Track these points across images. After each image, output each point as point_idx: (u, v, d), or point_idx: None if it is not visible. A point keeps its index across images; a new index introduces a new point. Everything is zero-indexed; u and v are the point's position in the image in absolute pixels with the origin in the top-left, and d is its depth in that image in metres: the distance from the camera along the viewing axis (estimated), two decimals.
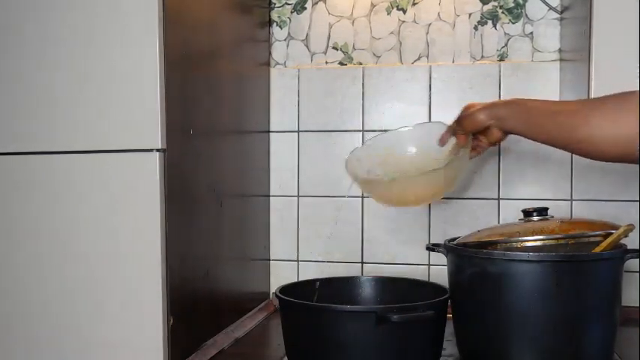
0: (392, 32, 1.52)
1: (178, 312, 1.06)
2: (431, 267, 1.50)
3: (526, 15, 1.46)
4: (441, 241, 1.18)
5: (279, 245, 1.57)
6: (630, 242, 1.08)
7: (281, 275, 1.55)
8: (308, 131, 1.55)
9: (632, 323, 1.28)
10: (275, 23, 1.57)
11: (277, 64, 1.57)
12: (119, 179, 1.04)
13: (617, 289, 1.05)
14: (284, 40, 1.56)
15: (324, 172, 1.54)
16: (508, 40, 1.47)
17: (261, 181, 1.53)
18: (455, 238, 1.17)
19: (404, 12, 1.51)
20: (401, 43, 1.52)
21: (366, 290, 1.24)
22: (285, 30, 1.56)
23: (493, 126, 1.04)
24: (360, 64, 1.53)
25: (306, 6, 1.55)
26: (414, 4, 1.51)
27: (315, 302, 1.05)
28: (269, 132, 1.56)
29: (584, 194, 1.44)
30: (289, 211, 1.56)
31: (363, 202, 1.53)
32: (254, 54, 1.49)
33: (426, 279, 1.46)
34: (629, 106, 0.90)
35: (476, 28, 1.48)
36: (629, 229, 1.04)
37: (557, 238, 1.04)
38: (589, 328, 1.03)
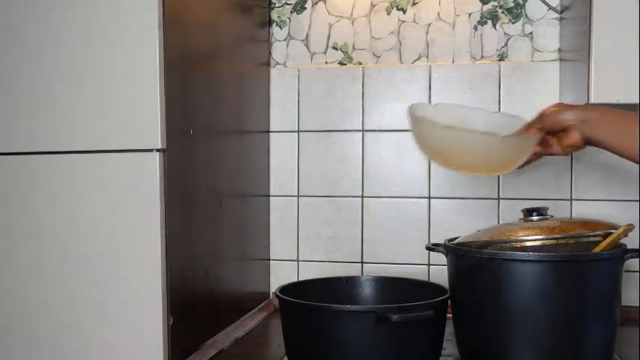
0: (392, 32, 1.52)
1: (178, 312, 1.06)
2: (431, 267, 1.50)
3: (526, 15, 1.46)
4: (441, 241, 1.18)
5: (279, 245, 1.57)
6: (630, 242, 1.09)
7: (281, 275, 1.55)
8: (308, 131, 1.55)
9: (632, 323, 1.28)
10: (275, 23, 1.57)
11: (277, 64, 1.57)
12: (119, 179, 1.04)
13: (617, 289, 1.05)
14: (284, 40, 1.56)
15: (324, 172, 1.54)
16: (508, 40, 1.47)
17: (261, 181, 1.53)
18: (455, 238, 1.17)
19: (404, 12, 1.51)
20: (401, 43, 1.52)
21: (366, 290, 1.24)
22: (285, 30, 1.56)
23: (575, 128, 0.99)
24: (359, 64, 1.53)
25: (306, 6, 1.55)
26: (414, 4, 1.51)
27: (315, 302, 1.05)
28: (269, 132, 1.56)
29: (584, 194, 1.44)
30: (289, 211, 1.56)
31: (363, 202, 1.53)
32: (254, 54, 1.49)
33: (426, 279, 1.46)
34: None
35: (476, 28, 1.48)
36: (629, 228, 1.04)
37: (557, 238, 1.04)
38: (589, 328, 1.04)
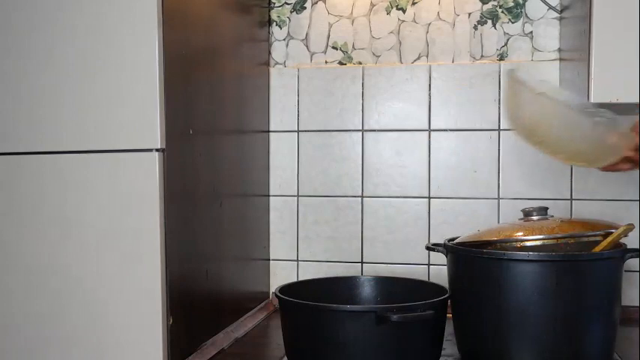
0: (391, 32, 1.52)
1: (178, 312, 1.06)
2: (431, 267, 1.50)
3: (526, 14, 1.46)
4: (441, 241, 1.18)
5: (279, 245, 1.57)
6: (630, 242, 1.09)
7: (281, 275, 1.55)
8: (308, 131, 1.55)
9: (632, 323, 1.28)
10: (275, 23, 1.57)
11: (277, 63, 1.57)
12: (119, 179, 1.04)
13: (617, 289, 1.05)
14: (283, 39, 1.56)
15: (324, 172, 1.54)
16: (508, 39, 1.47)
17: (261, 180, 1.53)
18: (455, 238, 1.17)
19: (403, 11, 1.51)
20: (400, 43, 1.51)
21: (366, 290, 1.24)
22: (284, 29, 1.56)
23: None
24: (359, 63, 1.53)
25: (305, 5, 1.55)
26: (414, 4, 1.50)
27: (315, 302, 1.05)
28: (269, 132, 1.56)
29: (584, 194, 1.44)
30: (289, 211, 1.56)
31: (362, 202, 1.53)
32: (254, 54, 1.49)
33: (426, 279, 1.46)
34: None
35: (475, 28, 1.48)
36: (629, 228, 1.04)
37: (557, 238, 1.04)
38: (589, 328, 1.04)
